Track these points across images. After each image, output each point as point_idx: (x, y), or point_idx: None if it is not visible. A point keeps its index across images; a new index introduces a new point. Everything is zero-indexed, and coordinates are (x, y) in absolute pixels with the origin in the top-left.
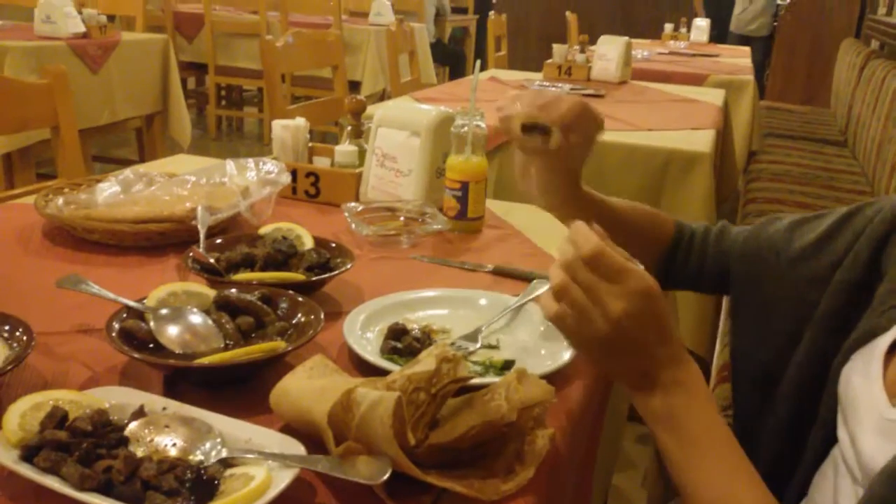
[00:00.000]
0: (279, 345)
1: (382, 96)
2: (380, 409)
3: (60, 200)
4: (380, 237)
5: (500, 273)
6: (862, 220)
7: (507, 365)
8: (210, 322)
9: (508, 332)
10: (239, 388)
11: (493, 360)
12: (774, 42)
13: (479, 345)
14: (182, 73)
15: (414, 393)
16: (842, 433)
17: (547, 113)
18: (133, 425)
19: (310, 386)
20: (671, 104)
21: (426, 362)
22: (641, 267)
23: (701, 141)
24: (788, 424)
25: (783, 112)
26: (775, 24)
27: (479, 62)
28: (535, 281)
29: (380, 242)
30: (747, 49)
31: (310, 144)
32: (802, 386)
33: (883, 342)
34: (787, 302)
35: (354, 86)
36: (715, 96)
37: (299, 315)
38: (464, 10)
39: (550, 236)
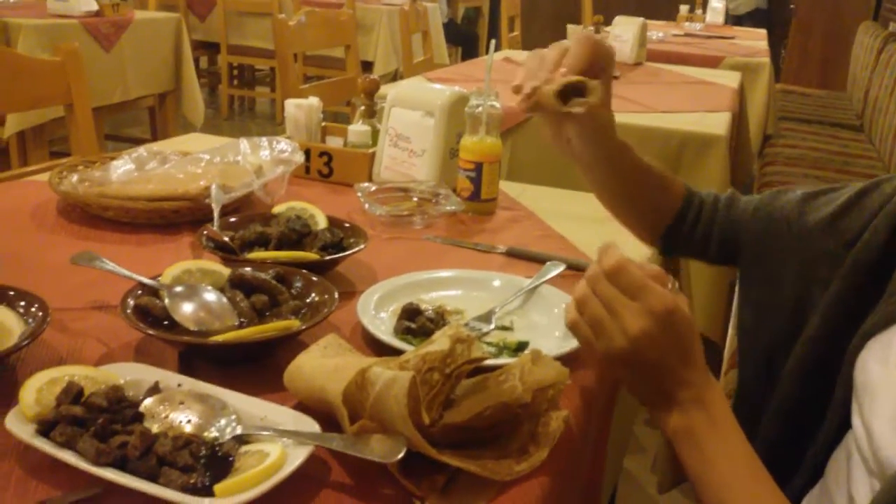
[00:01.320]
0: (293, 323)
1: (395, 76)
2: (395, 388)
3: (75, 178)
4: (393, 217)
5: (514, 254)
6: (879, 196)
7: (521, 346)
8: (224, 300)
9: (522, 313)
10: (253, 366)
11: (506, 342)
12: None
13: (492, 326)
14: (194, 53)
15: (428, 373)
16: (856, 421)
17: (573, 68)
18: (148, 401)
19: (324, 364)
20: (686, 86)
21: (440, 342)
22: (673, 286)
23: (716, 123)
24: (793, 404)
25: (799, 95)
26: (792, 4)
27: (493, 42)
28: (548, 263)
29: (393, 223)
30: (763, 32)
31: (323, 124)
32: (810, 366)
33: None
34: (795, 276)
35: (367, 66)
36: (730, 79)
37: (313, 294)
38: None
39: (564, 218)
